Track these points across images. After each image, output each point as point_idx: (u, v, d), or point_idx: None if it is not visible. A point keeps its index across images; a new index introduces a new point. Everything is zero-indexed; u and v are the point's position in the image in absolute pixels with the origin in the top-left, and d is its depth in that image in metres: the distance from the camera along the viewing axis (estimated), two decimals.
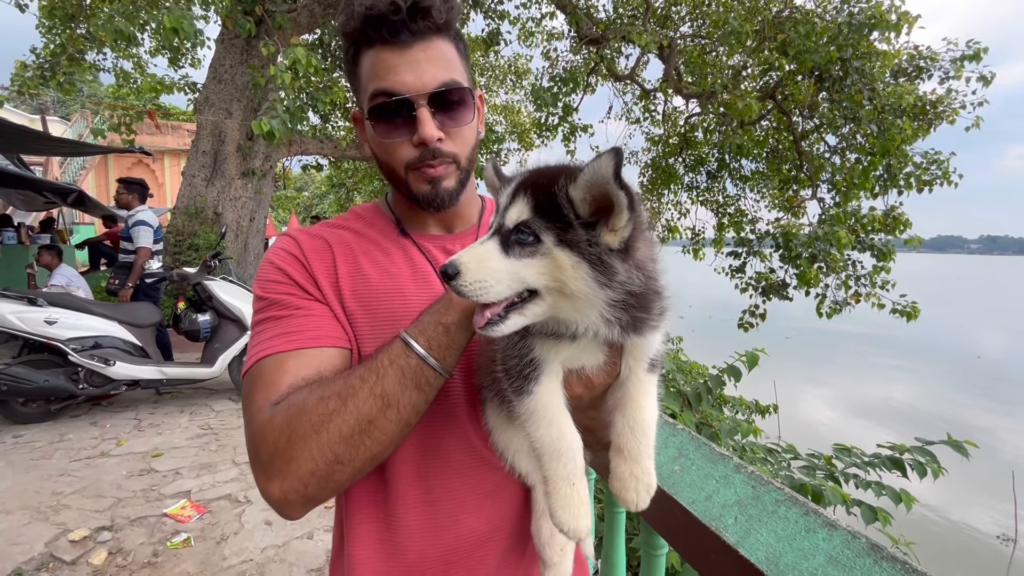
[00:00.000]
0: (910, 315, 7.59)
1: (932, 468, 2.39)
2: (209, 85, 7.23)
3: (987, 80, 7.23)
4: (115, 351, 4.22)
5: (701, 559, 1.10)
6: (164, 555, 2.67)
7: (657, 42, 7.82)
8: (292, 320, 0.75)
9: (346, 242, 0.84)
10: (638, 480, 0.66)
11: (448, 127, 0.78)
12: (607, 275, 0.53)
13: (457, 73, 0.78)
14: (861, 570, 0.83)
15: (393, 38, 0.74)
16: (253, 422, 0.69)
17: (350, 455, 0.65)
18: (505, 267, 0.55)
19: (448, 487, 0.79)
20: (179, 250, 6.78)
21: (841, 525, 0.93)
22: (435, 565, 0.78)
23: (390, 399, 0.65)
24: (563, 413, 0.65)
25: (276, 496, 0.67)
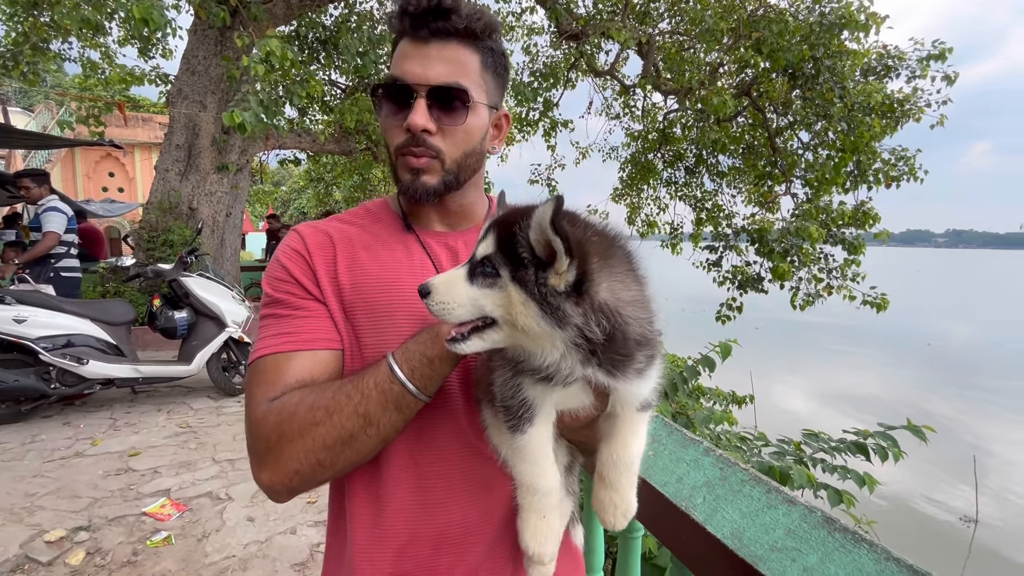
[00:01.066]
0: (879, 306, 7.86)
1: (893, 452, 2.52)
2: (182, 77, 7.06)
3: (951, 79, 7.50)
4: (88, 349, 4.13)
5: (672, 538, 1.16)
6: (144, 553, 2.65)
7: (636, 38, 7.91)
8: (291, 321, 0.81)
9: (348, 237, 0.88)
10: (616, 507, 0.72)
11: (442, 123, 0.82)
12: (555, 316, 0.56)
13: (466, 79, 0.82)
14: (816, 540, 0.90)
15: (415, 32, 0.81)
16: (252, 415, 0.76)
17: (331, 461, 0.72)
18: (467, 293, 0.61)
19: (440, 475, 0.82)
20: (153, 246, 6.62)
21: (799, 501, 1.00)
22: (425, 549, 0.82)
23: (371, 419, 0.71)
24: (547, 455, 0.71)
25: (265, 483, 0.76)
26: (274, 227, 11.32)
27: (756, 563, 0.90)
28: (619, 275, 0.60)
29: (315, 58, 9.08)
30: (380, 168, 11.73)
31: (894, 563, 0.81)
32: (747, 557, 0.92)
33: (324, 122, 10.24)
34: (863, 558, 0.83)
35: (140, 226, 6.78)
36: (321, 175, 14.24)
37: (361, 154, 10.61)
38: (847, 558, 0.84)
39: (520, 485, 0.71)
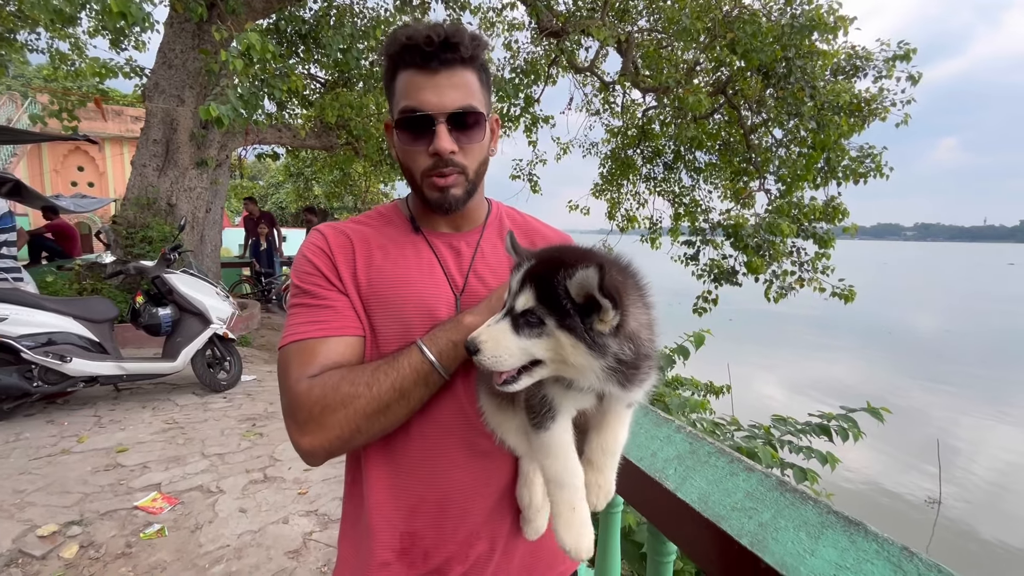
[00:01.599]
0: (847, 298, 8.20)
1: (853, 432, 2.71)
2: (159, 71, 6.94)
3: (915, 79, 7.82)
4: (71, 347, 4.10)
5: (649, 505, 1.30)
6: (138, 546, 2.70)
7: (615, 36, 8.04)
8: (320, 310, 0.92)
9: (365, 238, 0.99)
10: (600, 488, 0.84)
11: (462, 143, 0.93)
12: (600, 351, 0.67)
13: (475, 100, 0.93)
14: (770, 500, 1.04)
15: (425, 64, 0.89)
16: (291, 390, 0.86)
17: (367, 428, 0.85)
18: (516, 344, 0.69)
19: (442, 444, 0.94)
20: (131, 242, 6.53)
21: (758, 468, 1.14)
22: (431, 509, 0.94)
23: (404, 392, 0.84)
24: (570, 448, 0.80)
25: (306, 448, 0.86)
26: (252, 212, 10.83)
27: (719, 522, 1.04)
28: (639, 306, 0.72)
29: (294, 52, 8.99)
30: (361, 163, 11.68)
31: (833, 515, 0.95)
32: (711, 517, 1.06)
33: (304, 116, 10.15)
34: (808, 512, 0.97)
35: (117, 222, 6.67)
36: (300, 170, 14.09)
37: (342, 149, 10.56)
38: (795, 513, 0.98)
39: (549, 481, 0.80)
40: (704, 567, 1.12)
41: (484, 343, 0.70)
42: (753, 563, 0.95)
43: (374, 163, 11.11)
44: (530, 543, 1.04)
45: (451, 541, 0.95)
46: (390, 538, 0.94)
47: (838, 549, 0.89)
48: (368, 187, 13.97)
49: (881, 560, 0.85)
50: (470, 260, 1.01)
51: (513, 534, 1.01)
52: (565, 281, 0.66)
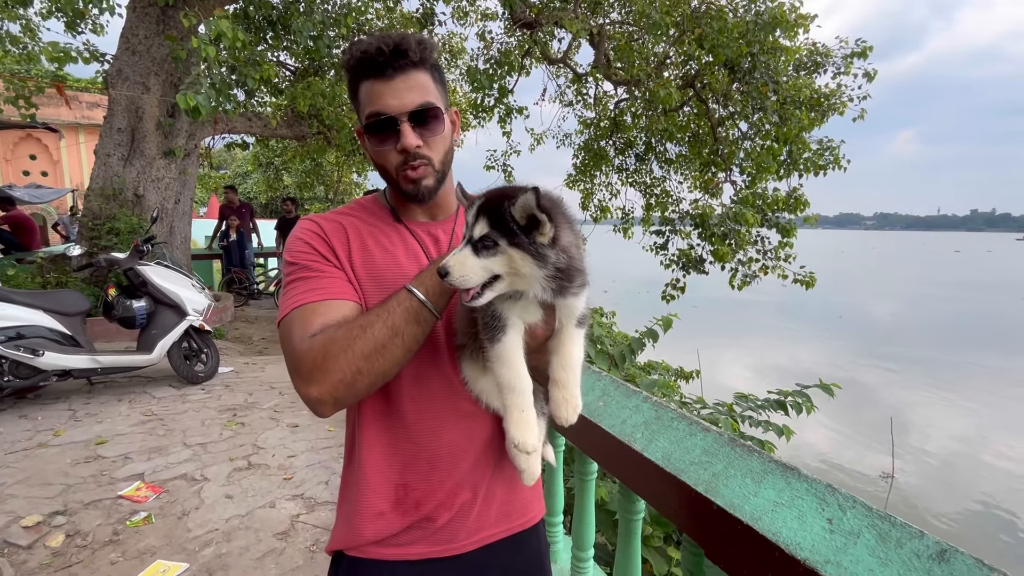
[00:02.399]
0: (808, 284, 8.61)
1: (807, 406, 2.95)
2: (121, 56, 6.73)
3: (871, 76, 8.22)
4: (42, 341, 4.04)
5: (620, 467, 1.46)
6: (125, 533, 2.75)
7: (587, 28, 8.16)
8: (319, 280, 1.01)
9: (356, 226, 1.10)
10: (567, 401, 0.95)
11: (425, 137, 1.05)
12: (542, 259, 0.83)
13: (431, 96, 1.05)
14: (723, 455, 1.20)
15: (380, 73, 1.01)
16: (295, 350, 0.94)
17: (368, 369, 0.92)
18: (477, 264, 0.84)
19: (431, 408, 1.06)
20: (97, 234, 6.37)
21: (713, 429, 1.30)
22: (422, 466, 1.07)
23: (397, 330, 0.93)
24: (519, 359, 0.93)
25: (314, 397, 0.93)
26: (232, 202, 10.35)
27: (679, 474, 1.21)
28: (567, 227, 0.88)
29: (262, 39, 8.79)
30: (333, 153, 11.53)
31: (773, 463, 1.12)
32: (673, 471, 1.22)
33: (274, 105, 9.96)
34: (753, 462, 1.14)
35: (83, 214, 6.48)
36: (270, 159, 13.81)
37: (314, 138, 10.41)
38: (743, 463, 1.15)
39: (502, 387, 0.91)
40: (668, 515, 1.29)
41: (452, 267, 0.84)
42: (707, 506, 1.12)
43: (346, 153, 10.99)
44: (505, 494, 1.18)
45: (439, 491, 1.08)
46: (385, 489, 1.06)
47: (776, 489, 1.06)
48: (340, 177, 13.80)
49: (810, 496, 1.01)
50: (447, 244, 1.14)
51: (492, 484, 1.15)
52: (510, 208, 0.82)
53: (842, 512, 0.95)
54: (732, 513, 1.05)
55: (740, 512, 1.05)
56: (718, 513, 1.08)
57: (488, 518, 1.14)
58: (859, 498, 0.97)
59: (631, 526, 1.60)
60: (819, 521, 0.96)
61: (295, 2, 8.21)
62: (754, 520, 1.01)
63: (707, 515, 1.11)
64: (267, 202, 20.73)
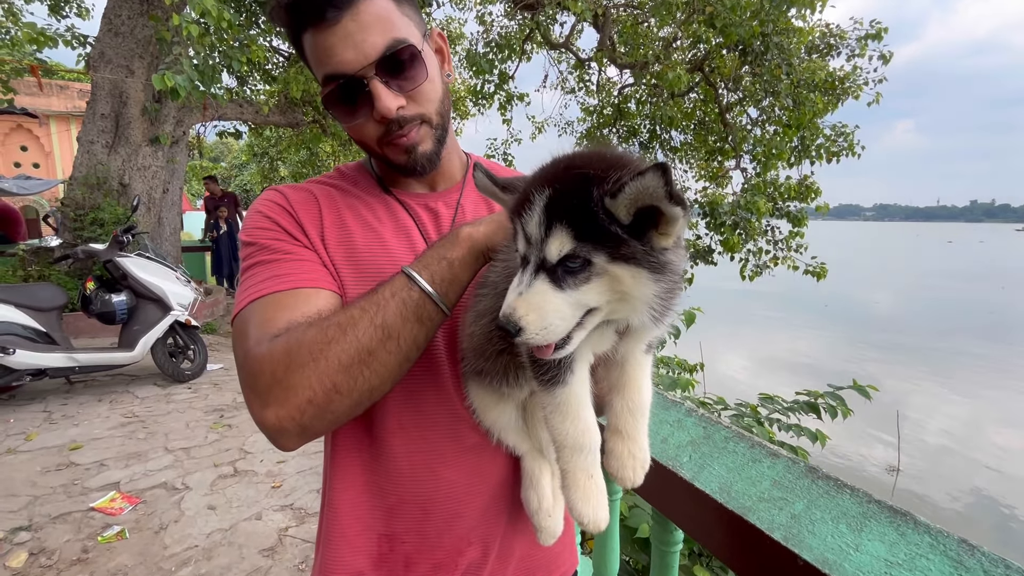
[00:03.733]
0: (819, 275, 8.35)
1: (842, 410, 2.70)
2: (104, 39, 6.41)
3: (886, 58, 7.91)
4: (13, 338, 3.78)
5: (661, 495, 1.19)
6: (95, 550, 2.50)
7: (592, 10, 7.83)
8: (283, 264, 0.74)
9: (331, 196, 0.83)
10: (635, 458, 0.69)
11: (406, 90, 0.76)
12: (664, 271, 0.54)
13: (398, 30, 0.74)
14: (801, 489, 0.94)
15: (319, 18, 0.71)
16: (250, 355, 0.68)
17: (348, 385, 0.65)
18: (564, 302, 0.53)
19: (427, 438, 0.80)
20: (80, 225, 6.09)
21: (782, 453, 1.04)
22: (413, 511, 0.80)
23: (390, 331, 0.66)
24: (588, 407, 0.66)
25: (272, 423, 0.66)
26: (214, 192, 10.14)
27: (745, 514, 0.94)
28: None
29: (254, 22, 8.46)
30: (329, 142, 11.22)
31: (875, 504, 0.86)
32: (736, 509, 0.96)
33: (267, 91, 9.64)
34: (846, 502, 0.88)
35: (65, 204, 6.20)
36: (265, 149, 13.49)
37: (308, 126, 10.10)
38: (832, 503, 0.89)
39: (564, 447, 0.65)
40: (728, 562, 1.03)
41: (525, 317, 0.52)
42: (789, 559, 0.85)
43: (343, 142, 10.69)
44: (527, 548, 0.92)
45: (437, 547, 0.82)
46: (365, 541, 0.81)
47: (886, 543, 0.80)
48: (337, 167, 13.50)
49: (937, 555, 0.75)
50: (450, 222, 0.87)
51: (508, 537, 0.89)
52: (604, 200, 0.50)
53: None
54: (828, 574, 0.79)
55: (840, 573, 0.79)
56: (806, 571, 0.83)
57: None
58: (1012, 562, 0.71)
59: (668, 559, 1.34)
60: None
61: None
62: None
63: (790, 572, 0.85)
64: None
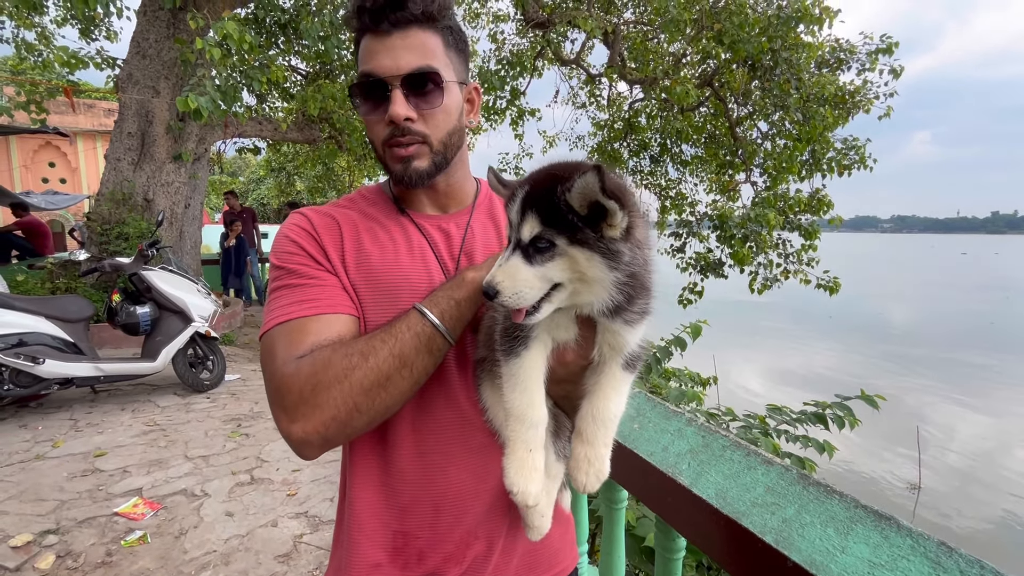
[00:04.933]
0: (832, 289, 8.28)
1: (849, 420, 2.71)
2: (132, 61, 6.69)
3: (897, 72, 7.92)
4: (43, 348, 3.93)
5: (661, 502, 1.24)
6: (119, 554, 2.59)
7: (602, 27, 7.98)
8: (308, 289, 0.83)
9: (351, 220, 0.92)
10: (591, 464, 0.74)
11: (421, 108, 0.85)
12: (614, 258, 0.64)
13: (435, 61, 0.85)
14: (793, 495, 0.99)
15: (376, 27, 0.83)
16: (278, 374, 0.77)
17: (367, 405, 0.75)
18: (532, 274, 0.64)
19: (438, 441, 0.87)
20: (106, 239, 6.31)
21: (776, 461, 1.09)
22: (425, 509, 0.87)
23: (406, 360, 0.75)
24: (538, 385, 0.74)
25: (298, 436, 0.75)
26: (233, 207, 10.25)
27: (739, 518, 0.99)
28: (642, 218, 0.68)
29: (274, 43, 8.75)
30: (344, 157, 11.46)
31: (862, 509, 0.90)
32: (731, 514, 1.01)
33: (285, 109, 9.92)
34: (835, 507, 0.93)
35: (92, 219, 6.43)
36: (282, 164, 13.81)
37: (325, 143, 10.35)
38: (821, 508, 0.94)
39: (510, 416, 0.73)
40: (724, 564, 1.08)
41: (501, 282, 0.64)
42: (780, 561, 0.90)
43: (358, 157, 10.91)
44: (529, 543, 0.98)
45: (447, 541, 0.89)
46: (382, 537, 0.88)
47: (870, 545, 0.85)
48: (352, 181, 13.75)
49: (917, 556, 0.80)
50: (460, 242, 0.95)
51: (511, 533, 0.95)
52: (565, 195, 0.62)
53: None
54: (816, 574, 0.84)
55: (826, 573, 0.84)
56: (796, 572, 0.87)
57: (507, 573, 0.94)
58: (987, 563, 0.76)
59: (671, 565, 1.38)
60: None
61: (305, 5, 8.16)
62: None
63: (780, 573, 0.90)
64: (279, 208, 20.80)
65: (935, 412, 9.83)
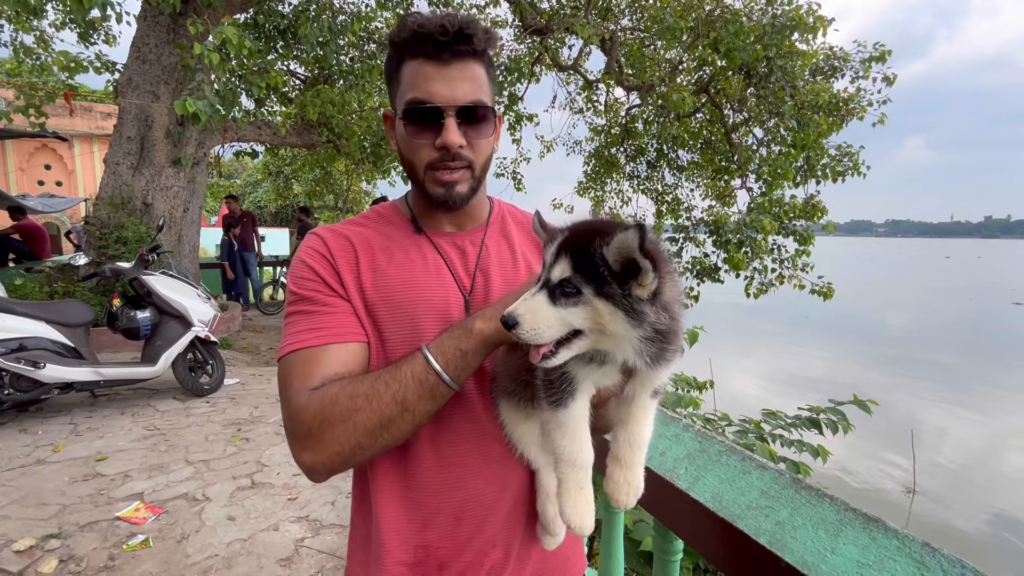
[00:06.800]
0: (826, 295, 8.36)
1: (843, 425, 2.76)
2: (132, 65, 6.72)
3: (890, 80, 8.03)
4: (44, 353, 3.94)
5: (659, 505, 1.29)
6: (121, 558, 2.61)
7: (599, 34, 8.06)
8: (320, 316, 0.87)
9: (367, 240, 0.94)
10: (629, 485, 0.81)
11: (470, 137, 0.89)
12: (638, 319, 0.66)
13: (485, 94, 0.90)
14: (786, 498, 1.03)
15: (436, 54, 0.86)
16: (292, 403, 0.81)
17: (369, 443, 0.79)
18: (554, 315, 0.67)
19: (457, 452, 0.90)
20: (105, 244, 6.31)
21: (771, 466, 1.13)
22: (447, 520, 0.90)
23: (408, 405, 0.79)
24: (585, 428, 0.78)
25: (307, 464, 0.81)
26: (234, 211, 10.18)
27: (734, 521, 1.04)
28: (671, 279, 0.71)
29: (273, 48, 8.79)
30: (342, 161, 11.49)
31: (851, 512, 0.95)
32: (727, 517, 1.05)
33: (284, 114, 9.95)
34: (826, 510, 0.97)
35: (90, 223, 6.44)
36: (280, 168, 13.82)
37: (323, 147, 10.38)
38: (813, 511, 0.98)
39: (561, 460, 0.78)
40: (719, 566, 1.12)
41: (522, 316, 0.67)
42: (773, 562, 0.95)
43: (356, 161, 10.95)
44: (543, 551, 1.02)
45: (467, 550, 0.92)
46: (403, 553, 0.91)
47: (859, 546, 0.89)
48: (350, 185, 13.78)
49: (903, 556, 0.84)
50: (475, 259, 0.98)
51: (526, 541, 0.99)
52: (602, 248, 0.66)
53: None
54: (807, 574, 0.89)
55: (816, 574, 0.88)
56: (788, 572, 0.92)
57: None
58: (968, 562, 0.80)
59: (669, 568, 1.42)
60: None
61: (304, 11, 8.21)
62: None
63: (774, 574, 0.94)
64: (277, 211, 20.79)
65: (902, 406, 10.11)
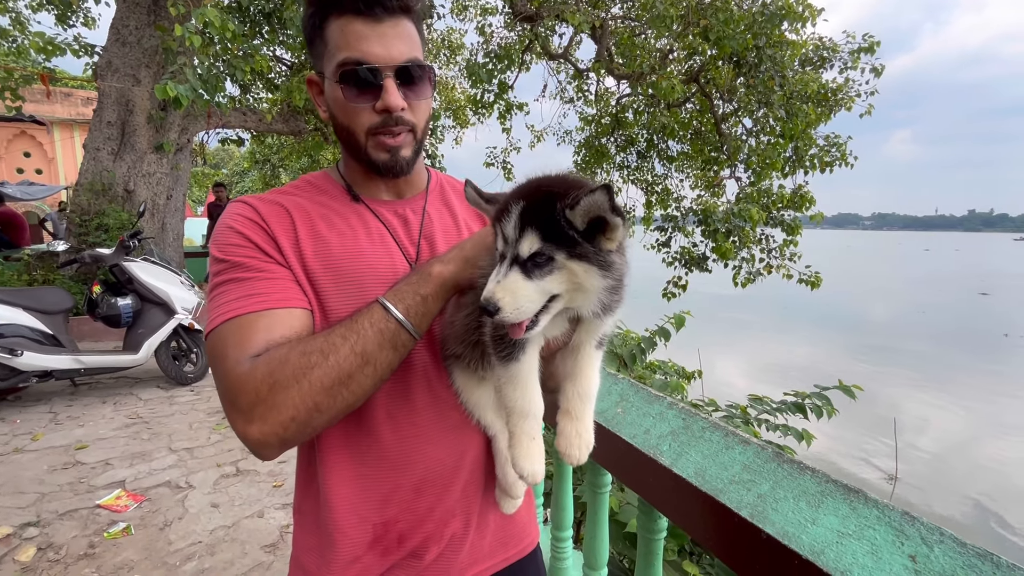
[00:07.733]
0: (814, 284, 8.44)
1: (827, 410, 2.78)
2: (111, 48, 6.55)
3: (878, 71, 8.07)
4: (21, 340, 3.85)
5: (642, 483, 1.28)
6: (102, 546, 2.57)
7: (590, 22, 7.99)
8: (256, 283, 0.79)
9: (303, 207, 0.88)
10: (580, 437, 0.79)
11: (410, 99, 0.85)
12: (609, 269, 0.67)
13: (419, 52, 0.86)
14: (768, 472, 1.03)
15: (367, 10, 0.80)
16: (231, 374, 0.73)
17: (328, 404, 0.72)
18: (532, 289, 0.66)
19: (414, 423, 0.87)
20: (85, 230, 6.18)
21: (753, 441, 1.13)
22: (407, 494, 0.87)
23: (368, 357, 0.73)
24: (535, 380, 0.77)
25: (255, 438, 0.72)
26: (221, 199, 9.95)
27: (717, 495, 1.03)
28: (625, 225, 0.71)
29: (258, 32, 8.61)
30: (330, 149, 11.35)
31: (832, 484, 0.95)
32: (709, 491, 1.05)
33: (270, 100, 9.78)
34: (807, 482, 0.97)
35: (71, 209, 6.30)
36: (267, 156, 13.62)
37: (310, 134, 10.23)
38: (794, 483, 0.98)
39: (513, 413, 0.77)
40: (702, 540, 1.11)
41: (502, 299, 0.65)
42: (754, 534, 0.94)
43: None
44: (500, 518, 1.01)
45: (427, 521, 0.89)
46: (360, 533, 0.86)
47: (839, 516, 0.89)
48: None
49: (883, 525, 0.84)
50: (419, 227, 0.94)
51: (484, 509, 0.97)
52: (566, 211, 0.65)
53: (928, 548, 0.78)
54: (787, 544, 0.88)
55: (797, 544, 0.87)
56: (769, 543, 0.91)
57: (482, 549, 0.97)
58: (947, 530, 0.80)
59: (652, 546, 1.42)
60: (899, 559, 0.79)
61: None
62: (816, 555, 0.84)
63: (755, 545, 0.93)
64: None
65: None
